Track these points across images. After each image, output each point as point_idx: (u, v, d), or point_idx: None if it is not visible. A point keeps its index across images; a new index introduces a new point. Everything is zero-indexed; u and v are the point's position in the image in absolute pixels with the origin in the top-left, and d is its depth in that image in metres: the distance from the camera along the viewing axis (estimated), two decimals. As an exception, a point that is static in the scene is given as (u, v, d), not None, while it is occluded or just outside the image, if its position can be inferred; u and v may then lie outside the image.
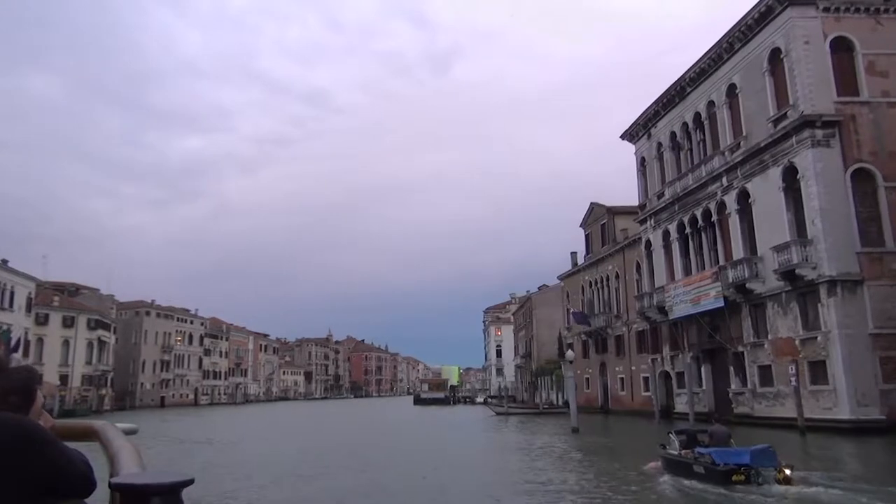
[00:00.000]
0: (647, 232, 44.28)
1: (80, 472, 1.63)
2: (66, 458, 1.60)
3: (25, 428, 1.55)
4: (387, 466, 20.39)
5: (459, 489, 16.21)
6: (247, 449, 28.58)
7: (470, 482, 17.42)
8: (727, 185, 34.95)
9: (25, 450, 1.51)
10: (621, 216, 51.36)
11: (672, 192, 40.55)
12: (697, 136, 38.82)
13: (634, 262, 46.88)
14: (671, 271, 41.19)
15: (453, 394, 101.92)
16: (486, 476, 18.55)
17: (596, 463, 20.53)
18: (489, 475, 18.70)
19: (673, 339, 40.85)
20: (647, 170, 44.85)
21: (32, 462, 1.52)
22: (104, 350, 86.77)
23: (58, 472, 1.57)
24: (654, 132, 43.41)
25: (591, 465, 20.38)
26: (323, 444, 27.73)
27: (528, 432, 34.09)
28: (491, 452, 24.58)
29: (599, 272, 53.42)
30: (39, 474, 1.53)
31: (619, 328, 49.73)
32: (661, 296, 40.93)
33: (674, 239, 40.78)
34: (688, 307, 37.33)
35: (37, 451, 1.52)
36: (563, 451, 24.23)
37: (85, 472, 1.64)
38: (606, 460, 21.11)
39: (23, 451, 1.50)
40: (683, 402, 39.45)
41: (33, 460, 1.52)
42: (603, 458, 21.96)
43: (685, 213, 39.24)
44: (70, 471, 1.59)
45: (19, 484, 1.49)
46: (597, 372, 53.52)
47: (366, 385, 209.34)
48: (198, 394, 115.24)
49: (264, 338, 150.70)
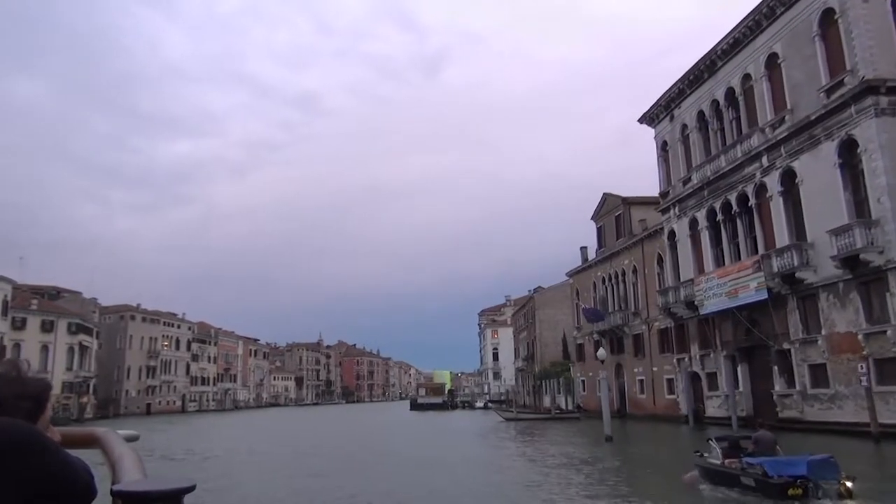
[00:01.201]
0: (671, 221, 40.90)
1: (82, 479, 1.55)
2: (68, 466, 1.54)
3: (30, 435, 1.51)
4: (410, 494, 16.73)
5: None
6: (230, 468, 24.87)
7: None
8: (768, 165, 31.60)
9: (28, 456, 1.47)
10: (638, 206, 48.02)
11: (700, 177, 37.19)
12: (730, 114, 35.50)
13: (655, 255, 43.49)
14: (700, 263, 37.81)
15: (451, 398, 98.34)
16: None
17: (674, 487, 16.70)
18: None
19: (703, 336, 37.46)
20: (669, 154, 41.50)
21: (34, 469, 1.47)
22: (86, 355, 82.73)
23: (59, 479, 1.51)
24: (678, 113, 40.08)
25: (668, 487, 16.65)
26: (320, 463, 23.99)
27: (553, 442, 30.52)
28: (534, 473, 20.67)
29: (614, 267, 50.00)
30: (41, 481, 1.48)
31: (637, 326, 46.31)
32: (689, 290, 37.54)
33: (703, 227, 37.41)
34: (723, 301, 33.93)
35: (39, 459, 1.48)
36: (613, 467, 20.59)
37: (86, 480, 1.56)
38: (672, 480, 17.45)
39: (25, 457, 1.46)
40: (716, 405, 36.14)
41: (35, 467, 1.47)
42: (662, 476, 18.41)
43: (716, 199, 35.88)
44: (72, 479, 1.53)
45: (20, 490, 1.44)
46: (612, 374, 49.98)
47: (357, 390, 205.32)
48: (185, 400, 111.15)
49: (254, 342, 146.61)
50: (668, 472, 18.30)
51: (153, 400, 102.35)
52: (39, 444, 1.53)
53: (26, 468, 1.47)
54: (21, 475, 1.46)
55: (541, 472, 19.27)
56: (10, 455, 1.46)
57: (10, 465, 1.45)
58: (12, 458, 1.46)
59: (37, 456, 1.50)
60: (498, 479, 18.35)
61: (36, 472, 1.48)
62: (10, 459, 1.45)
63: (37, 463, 1.49)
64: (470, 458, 23.90)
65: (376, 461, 24.07)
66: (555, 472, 19.28)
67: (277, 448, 31.87)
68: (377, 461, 24.07)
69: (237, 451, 31.10)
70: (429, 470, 20.10)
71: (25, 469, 1.47)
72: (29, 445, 1.50)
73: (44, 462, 1.50)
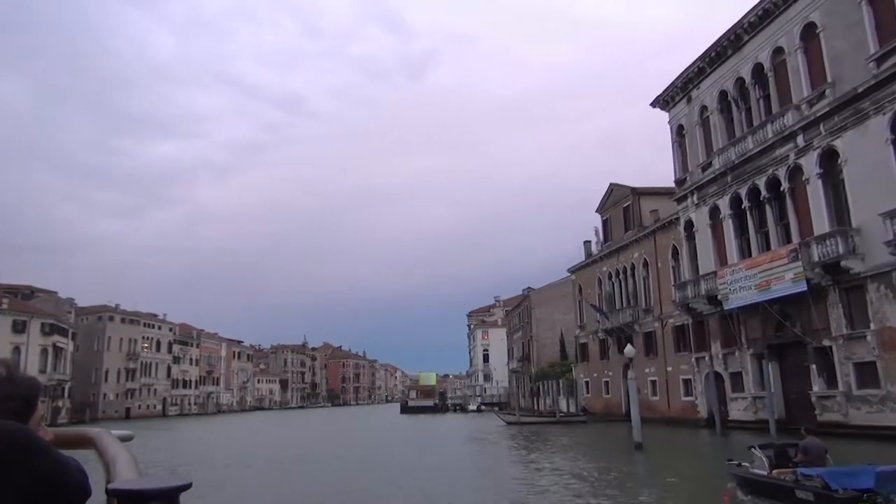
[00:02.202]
0: (688, 211, 38.17)
1: (75, 479, 1.54)
2: (61, 466, 1.53)
3: (20, 435, 1.50)
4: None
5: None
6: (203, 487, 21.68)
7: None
8: (805, 144, 28.89)
9: (19, 457, 1.46)
10: (649, 197, 45.33)
11: (723, 161, 34.47)
12: (757, 93, 32.81)
13: (669, 247, 40.74)
14: (722, 254, 35.10)
15: (443, 401, 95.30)
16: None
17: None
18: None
19: (726, 333, 34.72)
20: (685, 139, 38.78)
21: (27, 470, 1.46)
22: (60, 357, 78.95)
23: (52, 480, 1.49)
24: (697, 94, 37.37)
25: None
26: (313, 485, 20.77)
27: (578, 451, 27.29)
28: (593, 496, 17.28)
29: (622, 261, 47.21)
30: (34, 482, 1.46)
31: (648, 324, 43.52)
32: (710, 283, 34.79)
33: (725, 216, 34.69)
34: (752, 294, 31.17)
35: (31, 459, 1.47)
36: (672, 485, 17.52)
37: (79, 480, 1.55)
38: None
39: (17, 458, 1.45)
40: (741, 407, 33.42)
41: (28, 468, 1.46)
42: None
43: (742, 185, 33.17)
44: (65, 479, 1.52)
45: (13, 491, 1.43)
46: (619, 374, 47.19)
47: (343, 393, 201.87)
48: (166, 404, 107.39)
49: (238, 344, 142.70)
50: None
51: (132, 404, 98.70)
52: (31, 444, 1.49)
53: (19, 469, 1.42)
54: (14, 476, 1.41)
55: (604, 495, 16.10)
56: (3, 457, 1.41)
57: (4, 467, 1.40)
58: (4, 459, 1.41)
59: (29, 457, 1.45)
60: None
61: (29, 473, 1.44)
62: (3, 462, 1.41)
63: (29, 464, 1.45)
64: (499, 475, 20.57)
65: (386, 480, 20.93)
66: (616, 495, 16.17)
67: (261, 456, 28.67)
68: (387, 480, 20.94)
69: (212, 461, 27.90)
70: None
71: (18, 470, 1.42)
72: (21, 446, 1.45)
73: (36, 462, 1.46)
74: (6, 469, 1.41)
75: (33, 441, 1.49)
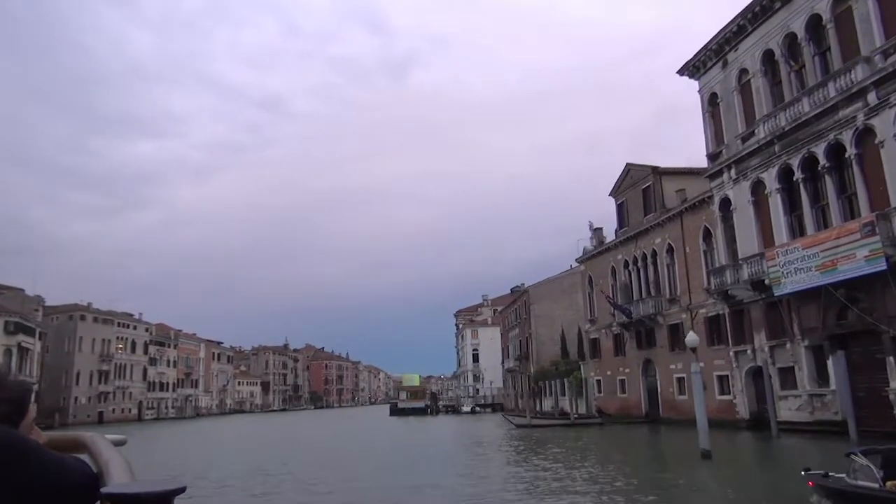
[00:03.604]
0: (724, 188, 34.21)
1: (74, 481, 1.51)
2: (55, 467, 1.49)
3: (9, 438, 1.47)
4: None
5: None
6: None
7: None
8: (878, 102, 24.93)
9: (9, 460, 1.42)
10: (672, 177, 41.37)
11: (769, 129, 30.50)
12: (812, 49, 28.86)
13: (700, 230, 36.73)
14: (767, 234, 31.16)
15: (434, 402, 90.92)
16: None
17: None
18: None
19: (773, 323, 30.78)
20: (720, 109, 34.82)
21: (17, 473, 1.42)
22: (26, 358, 73.54)
23: (46, 482, 1.46)
24: (735, 57, 33.42)
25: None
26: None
27: (630, 462, 22.97)
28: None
29: (640, 247, 43.17)
30: (27, 484, 1.43)
31: (674, 315, 39.50)
32: (755, 266, 30.81)
33: (772, 191, 30.73)
34: (812, 277, 27.16)
35: (22, 461, 1.44)
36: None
37: (80, 482, 1.51)
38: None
39: (6, 461, 1.42)
40: (792, 406, 29.46)
41: (17, 471, 1.42)
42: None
43: (793, 154, 29.22)
44: (61, 480, 1.48)
45: (7, 494, 1.40)
46: (638, 372, 43.23)
47: (326, 395, 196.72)
48: (142, 408, 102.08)
49: (217, 346, 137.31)
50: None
51: (106, 408, 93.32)
52: (21, 446, 1.46)
53: (10, 472, 1.39)
54: (6, 479, 1.39)
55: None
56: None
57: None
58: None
59: (20, 459, 1.43)
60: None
61: (20, 476, 1.40)
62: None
63: (20, 467, 1.42)
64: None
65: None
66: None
67: (240, 470, 24.19)
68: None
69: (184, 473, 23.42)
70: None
71: (9, 473, 1.39)
72: (9, 449, 1.42)
73: (28, 465, 1.43)
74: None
75: (23, 444, 1.45)
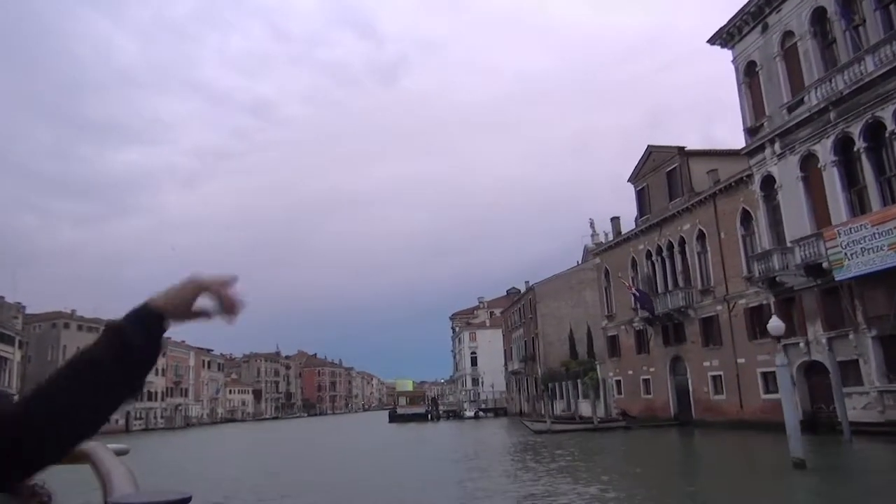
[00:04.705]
0: (766, 164, 30.98)
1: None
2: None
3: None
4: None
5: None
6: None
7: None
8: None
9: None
10: (700, 159, 38.10)
11: (824, 95, 27.28)
12: (873, 2, 25.68)
13: (737, 213, 33.48)
14: (821, 213, 27.93)
15: (434, 407, 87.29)
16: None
17: None
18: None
19: (831, 311, 27.55)
20: (759, 78, 31.63)
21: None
22: (5, 369, 69.56)
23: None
24: (778, 19, 30.23)
25: None
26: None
27: (711, 475, 19.59)
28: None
29: (665, 235, 39.88)
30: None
31: (707, 307, 36.18)
32: (810, 248, 27.56)
33: (826, 164, 27.50)
34: (885, 257, 23.88)
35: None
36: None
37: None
38: None
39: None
40: (857, 405, 26.12)
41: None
42: None
43: (854, 121, 26.02)
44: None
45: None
46: (665, 371, 39.88)
47: (319, 402, 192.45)
48: (129, 418, 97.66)
49: (207, 353, 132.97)
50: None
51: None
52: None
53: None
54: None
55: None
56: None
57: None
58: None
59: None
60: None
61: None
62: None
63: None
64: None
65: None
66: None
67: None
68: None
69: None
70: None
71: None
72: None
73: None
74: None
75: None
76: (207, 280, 1.25)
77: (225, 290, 1.26)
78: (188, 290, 1.23)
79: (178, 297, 1.24)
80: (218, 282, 1.26)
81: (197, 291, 1.24)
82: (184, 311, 1.24)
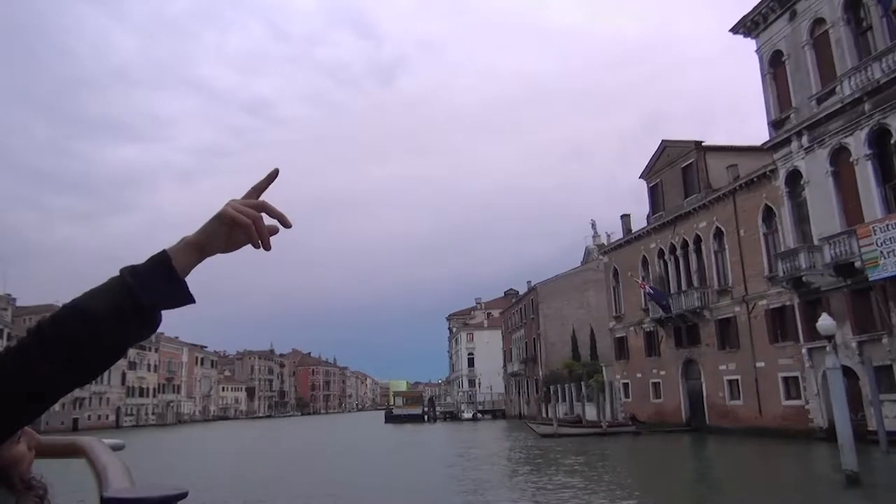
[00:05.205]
0: (793, 158, 29.54)
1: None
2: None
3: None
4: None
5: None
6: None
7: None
8: None
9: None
10: (717, 154, 36.66)
11: (858, 85, 25.84)
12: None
13: (759, 209, 32.04)
14: (852, 209, 26.51)
15: (431, 408, 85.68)
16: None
17: None
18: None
19: (862, 312, 26.11)
20: (785, 68, 30.20)
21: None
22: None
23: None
24: (806, 6, 28.80)
25: None
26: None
27: (764, 491, 18.08)
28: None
29: (679, 233, 38.42)
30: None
31: (724, 308, 34.70)
32: (841, 247, 26.10)
33: (860, 157, 26.05)
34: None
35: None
36: None
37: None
38: None
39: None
40: (891, 413, 24.60)
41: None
42: None
43: (891, 112, 24.60)
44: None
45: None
46: (677, 374, 38.41)
47: (313, 401, 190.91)
48: (120, 414, 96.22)
49: (201, 350, 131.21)
50: None
51: (81, 414, 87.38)
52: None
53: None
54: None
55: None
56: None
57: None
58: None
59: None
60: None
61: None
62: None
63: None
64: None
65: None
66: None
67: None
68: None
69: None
70: None
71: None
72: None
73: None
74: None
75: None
76: (241, 215, 1.19)
77: (261, 224, 1.21)
78: (223, 227, 1.20)
79: (214, 232, 1.21)
80: (253, 214, 1.20)
81: (232, 224, 1.19)
82: (220, 245, 1.21)
